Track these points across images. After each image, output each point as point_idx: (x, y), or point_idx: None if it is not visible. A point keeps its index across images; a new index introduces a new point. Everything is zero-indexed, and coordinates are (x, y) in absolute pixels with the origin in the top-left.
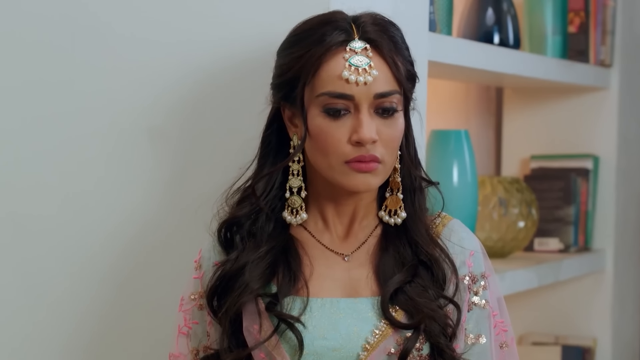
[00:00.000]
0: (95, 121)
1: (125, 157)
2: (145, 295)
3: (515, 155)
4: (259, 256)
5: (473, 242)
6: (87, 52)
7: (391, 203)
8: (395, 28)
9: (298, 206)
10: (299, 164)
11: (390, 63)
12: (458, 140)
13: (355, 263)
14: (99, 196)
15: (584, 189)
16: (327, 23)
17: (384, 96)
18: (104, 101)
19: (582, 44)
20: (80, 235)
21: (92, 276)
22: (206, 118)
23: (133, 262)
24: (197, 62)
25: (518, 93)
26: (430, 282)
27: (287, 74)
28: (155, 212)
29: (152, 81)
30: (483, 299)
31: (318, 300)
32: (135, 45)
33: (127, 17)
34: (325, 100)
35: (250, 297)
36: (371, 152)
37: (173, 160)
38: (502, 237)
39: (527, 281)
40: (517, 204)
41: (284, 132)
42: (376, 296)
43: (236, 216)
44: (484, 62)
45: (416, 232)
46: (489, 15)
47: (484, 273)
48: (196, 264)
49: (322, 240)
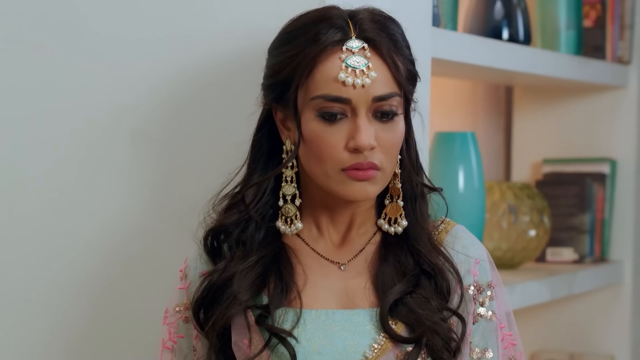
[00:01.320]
0: (74, 122)
1: (105, 160)
2: (126, 308)
3: (526, 159)
4: (248, 265)
5: (478, 249)
6: (65, 49)
7: (391, 211)
8: (395, 25)
9: (292, 215)
10: (292, 170)
11: (389, 63)
12: (464, 143)
13: (352, 272)
14: (77, 202)
15: (600, 195)
16: (321, 20)
17: (383, 99)
18: (83, 101)
19: (598, 39)
20: (57, 243)
21: (68, 287)
22: (193, 119)
23: (113, 272)
24: (183, 59)
25: (529, 92)
26: (433, 293)
27: (279, 74)
28: (137, 218)
29: (134, 80)
30: (490, 310)
31: (312, 312)
32: (117, 42)
33: (107, 11)
34: (320, 103)
35: (239, 310)
36: (369, 159)
37: (157, 164)
38: (511, 246)
39: (539, 294)
40: (527, 211)
41: (275, 136)
42: (375, 307)
43: (224, 224)
44: (492, 59)
45: (418, 240)
46: (498, 9)
47: (491, 282)
48: (181, 274)
49: (317, 248)
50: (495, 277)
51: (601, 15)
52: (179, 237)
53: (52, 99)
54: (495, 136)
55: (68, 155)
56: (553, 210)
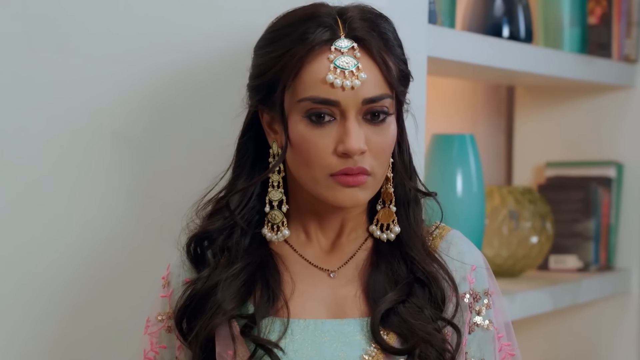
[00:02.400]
0: (50, 121)
1: (84, 162)
2: (107, 317)
3: (528, 163)
4: (233, 273)
5: (475, 255)
6: (42, 44)
7: (383, 217)
8: (387, 22)
9: (279, 222)
10: (279, 175)
11: (380, 64)
12: (462, 146)
13: (342, 280)
14: (53, 206)
15: (606, 200)
16: (309, 18)
17: (374, 101)
18: (60, 99)
19: (603, 37)
20: (31, 250)
21: (45, 296)
22: (175, 121)
23: (93, 280)
24: (167, 57)
25: (531, 92)
26: (427, 301)
27: (265, 75)
28: (118, 224)
29: (115, 78)
30: (486, 319)
31: (300, 321)
32: (96, 38)
33: (87, 5)
34: (307, 105)
35: (223, 319)
36: (359, 164)
37: (138, 167)
38: (512, 254)
39: (541, 304)
40: (529, 217)
41: (262, 139)
42: (365, 317)
43: (207, 230)
44: (492, 58)
45: (411, 246)
46: (498, 6)
47: (488, 290)
48: (164, 281)
49: (305, 254)
50: (493, 285)
51: (607, 11)
52: (162, 244)
53: (27, 96)
54: (495, 138)
55: (43, 156)
56: (556, 216)
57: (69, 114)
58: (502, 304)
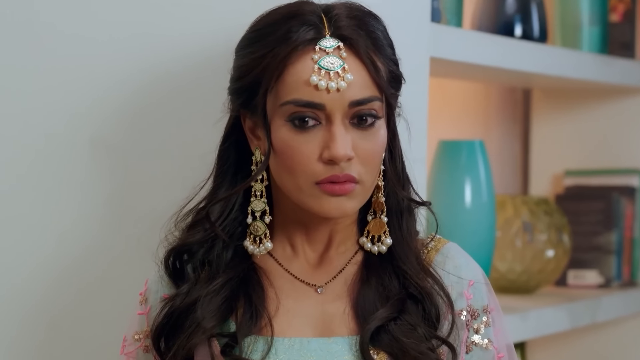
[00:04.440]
0: (24, 127)
1: (60, 170)
2: (80, 336)
3: (545, 171)
4: (214, 289)
5: (473, 269)
6: (15, 47)
7: (374, 228)
8: (376, 20)
9: (261, 233)
10: (262, 184)
11: (368, 64)
12: (471, 153)
13: (330, 296)
14: (27, 216)
15: (629, 211)
16: (292, 16)
17: (361, 104)
18: (35, 104)
19: (626, 36)
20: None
21: (17, 312)
22: (154, 127)
23: (68, 295)
24: (145, 60)
25: (549, 96)
26: (420, 319)
27: (246, 77)
28: (93, 237)
29: (90, 82)
30: (485, 337)
31: (285, 340)
32: (71, 41)
33: (62, 8)
34: (290, 109)
35: (202, 338)
36: (346, 171)
37: (115, 176)
38: (527, 268)
39: (557, 322)
40: (544, 229)
41: (244, 145)
42: (354, 335)
43: (187, 243)
44: (502, 59)
45: (404, 260)
46: (510, 3)
47: (487, 307)
48: (141, 298)
49: (291, 268)
50: (493, 301)
51: (630, 8)
52: (141, 257)
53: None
54: (510, 145)
55: (17, 164)
56: (576, 228)
57: (47, 119)
58: (503, 322)
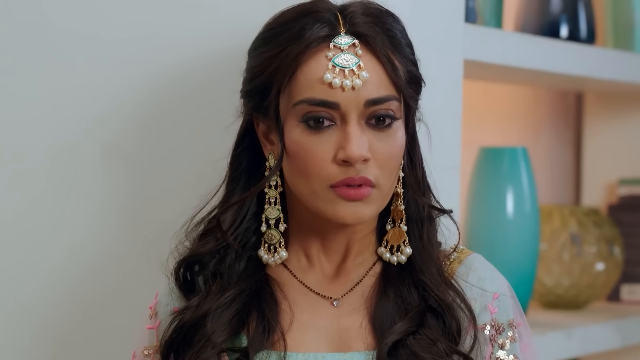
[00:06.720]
0: (36, 133)
1: (72, 177)
2: (90, 351)
3: (599, 179)
4: (225, 302)
5: (497, 281)
6: (27, 50)
7: (393, 237)
8: (394, 19)
9: (276, 242)
10: (276, 190)
11: (385, 62)
12: (513, 160)
13: (346, 309)
14: (38, 227)
15: None
16: (307, 14)
17: (377, 103)
18: (47, 109)
19: None
20: (13, 275)
21: (26, 328)
22: (168, 133)
23: (79, 308)
24: (158, 63)
25: (603, 100)
26: (441, 333)
27: (259, 78)
28: (105, 248)
29: (103, 86)
30: (511, 353)
31: (299, 355)
32: (83, 42)
33: (73, 8)
34: (304, 109)
35: (212, 353)
36: (362, 174)
37: (127, 184)
38: (575, 282)
39: (606, 340)
40: (594, 241)
41: (257, 150)
42: (371, 350)
43: (198, 253)
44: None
45: (425, 271)
46: (555, 3)
47: (512, 321)
48: (151, 311)
49: (306, 280)
50: (519, 316)
51: None
52: (153, 268)
53: (11, 106)
54: (562, 152)
55: (29, 171)
56: (630, 240)
57: (59, 125)
58: (531, 338)
